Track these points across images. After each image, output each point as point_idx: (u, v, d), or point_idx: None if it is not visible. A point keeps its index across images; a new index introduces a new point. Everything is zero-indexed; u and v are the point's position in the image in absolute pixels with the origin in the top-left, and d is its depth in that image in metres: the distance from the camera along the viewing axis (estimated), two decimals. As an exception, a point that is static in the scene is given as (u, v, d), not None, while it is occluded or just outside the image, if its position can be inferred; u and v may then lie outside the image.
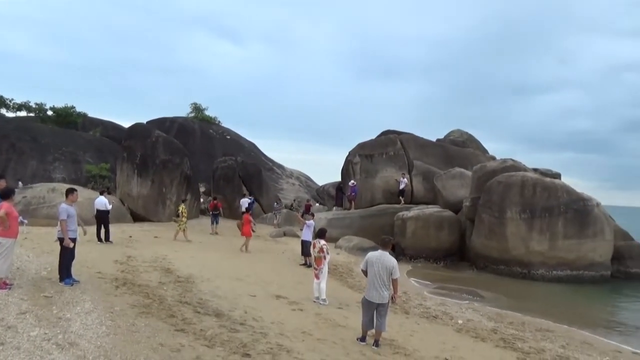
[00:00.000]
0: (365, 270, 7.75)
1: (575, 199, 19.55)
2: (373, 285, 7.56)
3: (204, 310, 8.26)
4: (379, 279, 7.53)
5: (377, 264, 7.58)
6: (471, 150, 30.38)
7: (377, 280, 7.53)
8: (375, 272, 7.54)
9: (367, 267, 7.68)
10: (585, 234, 19.07)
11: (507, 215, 19.62)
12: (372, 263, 7.62)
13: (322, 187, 38.61)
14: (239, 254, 16.68)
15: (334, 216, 25.44)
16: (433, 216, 22.32)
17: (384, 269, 7.54)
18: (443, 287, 16.23)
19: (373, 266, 7.59)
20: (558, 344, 9.94)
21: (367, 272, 7.71)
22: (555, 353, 9.09)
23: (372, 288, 7.57)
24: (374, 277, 7.55)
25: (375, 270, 7.55)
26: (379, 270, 7.54)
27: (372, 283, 7.58)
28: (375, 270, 7.55)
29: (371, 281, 7.60)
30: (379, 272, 7.53)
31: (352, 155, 29.01)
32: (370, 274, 7.62)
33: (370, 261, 7.66)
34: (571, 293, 17.00)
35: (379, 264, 7.57)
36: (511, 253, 19.45)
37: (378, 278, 7.53)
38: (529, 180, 19.98)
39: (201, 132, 40.22)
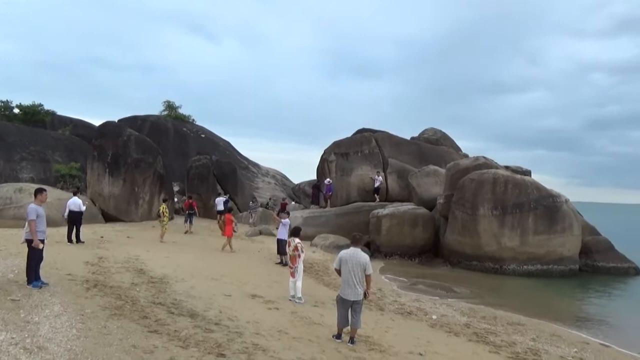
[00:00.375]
0: (338, 269, 7.77)
1: (545, 196, 20.05)
2: (348, 283, 7.58)
3: (178, 311, 8.17)
4: (353, 276, 7.56)
5: (350, 261, 7.60)
6: (445, 148, 30.82)
7: (351, 277, 7.56)
8: (349, 269, 7.57)
9: (340, 266, 7.71)
10: (555, 230, 19.58)
11: (480, 212, 19.99)
12: (345, 261, 7.64)
13: (298, 186, 38.58)
14: (214, 253, 16.53)
15: (310, 214, 25.47)
16: (408, 213, 22.57)
17: (357, 265, 7.57)
18: (418, 283, 16.43)
19: (347, 264, 7.61)
20: (529, 336, 10.19)
21: (340, 271, 7.74)
22: (525, 346, 9.31)
23: (347, 286, 7.59)
24: (348, 275, 7.58)
25: (349, 267, 7.58)
26: (353, 267, 7.56)
27: (346, 281, 7.61)
28: (349, 268, 7.57)
29: (346, 279, 7.63)
30: (353, 269, 7.56)
31: (327, 153, 29.11)
32: (344, 272, 7.65)
33: (343, 259, 7.68)
34: (541, 287, 17.44)
35: (353, 261, 7.60)
36: (483, 249, 19.83)
37: (352, 275, 7.56)
38: (501, 178, 20.40)
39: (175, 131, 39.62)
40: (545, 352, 8.99)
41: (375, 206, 24.44)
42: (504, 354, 8.55)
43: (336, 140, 29.62)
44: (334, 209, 25.90)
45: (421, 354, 7.76)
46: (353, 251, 7.74)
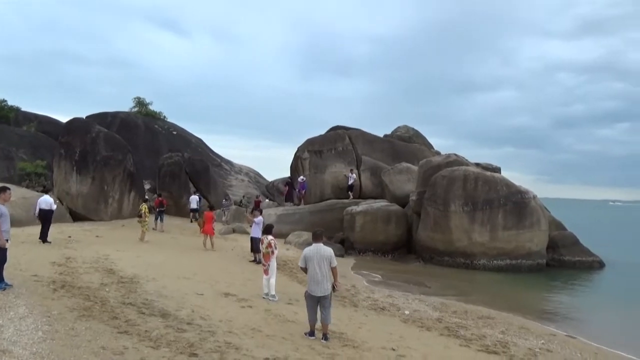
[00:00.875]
0: (304, 267, 7.79)
1: (514, 192, 20.53)
2: (315, 279, 7.63)
3: (149, 311, 8.03)
4: (320, 272, 7.62)
5: (315, 257, 7.68)
6: (417, 146, 31.19)
7: (318, 273, 7.62)
8: (315, 265, 7.63)
9: (305, 263, 7.74)
10: (523, 225, 20.07)
11: (451, 208, 20.32)
12: (310, 257, 7.69)
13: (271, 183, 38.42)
14: (187, 252, 16.33)
15: (284, 212, 25.42)
16: (381, 210, 22.77)
17: (322, 260, 7.65)
18: (391, 279, 16.61)
19: (312, 260, 7.67)
20: (498, 329, 10.42)
21: (306, 268, 7.77)
22: (495, 339, 9.53)
23: (314, 282, 7.64)
24: (314, 271, 7.64)
25: (315, 263, 7.64)
26: (318, 262, 7.64)
27: (313, 277, 7.65)
28: (315, 264, 7.64)
29: (312, 275, 7.66)
30: (319, 265, 7.63)
31: (301, 151, 29.10)
32: (310, 269, 7.67)
33: (308, 256, 7.73)
34: (510, 282, 17.86)
35: (317, 256, 7.68)
36: (455, 245, 20.18)
37: (319, 270, 7.62)
38: (471, 175, 20.78)
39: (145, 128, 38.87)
40: (513, 345, 9.22)
41: (349, 203, 24.56)
42: (475, 347, 8.73)
43: (310, 138, 29.64)
44: (307, 206, 25.92)
45: (394, 349, 7.84)
46: (316, 247, 7.81)
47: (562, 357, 8.85)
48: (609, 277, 20.16)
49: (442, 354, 8.07)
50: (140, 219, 18.45)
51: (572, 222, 27.36)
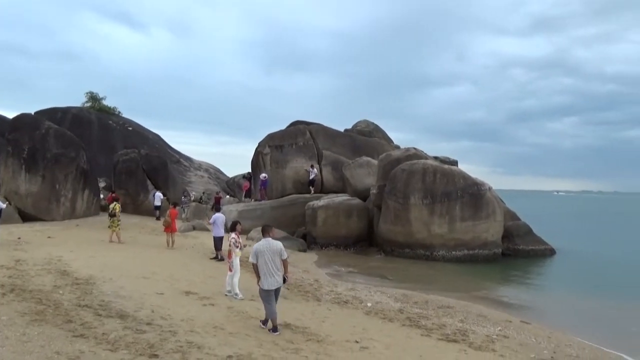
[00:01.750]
0: (256, 262, 7.84)
1: (471, 184, 21.10)
2: (269, 273, 7.74)
3: (106, 313, 7.78)
4: (272, 265, 7.75)
5: (267, 251, 7.79)
6: (377, 140, 31.52)
7: (271, 267, 7.75)
8: (267, 259, 7.74)
9: (257, 259, 7.80)
10: (479, 216, 20.68)
11: (411, 201, 20.68)
12: (262, 252, 7.78)
13: (232, 179, 38.00)
14: (145, 251, 15.91)
15: (245, 208, 25.18)
16: (342, 204, 22.92)
17: (274, 253, 7.79)
18: (353, 272, 16.76)
19: (264, 255, 7.77)
20: (457, 318, 10.71)
21: (257, 264, 7.81)
22: (455, 327, 9.78)
23: (268, 275, 7.74)
24: (266, 265, 7.74)
25: (267, 257, 7.75)
26: (270, 256, 7.76)
27: (266, 271, 7.74)
28: (267, 258, 7.75)
29: (266, 269, 7.74)
30: (271, 259, 7.76)
31: (262, 146, 28.87)
32: (262, 263, 7.76)
33: (259, 251, 7.79)
34: (468, 271, 18.39)
35: (269, 250, 7.80)
36: (415, 236, 20.57)
37: (272, 264, 7.75)
38: (430, 168, 21.20)
39: (99, 123, 37.56)
40: (472, 332, 9.49)
41: (311, 198, 24.59)
42: (435, 336, 8.93)
43: (270, 133, 29.45)
44: (269, 201, 25.77)
45: (357, 342, 7.92)
46: (267, 241, 7.92)
47: (518, 342, 9.18)
48: (560, 264, 21.10)
49: (404, 344, 8.21)
50: (114, 219, 17.56)
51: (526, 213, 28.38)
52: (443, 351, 8.04)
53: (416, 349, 7.99)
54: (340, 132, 31.44)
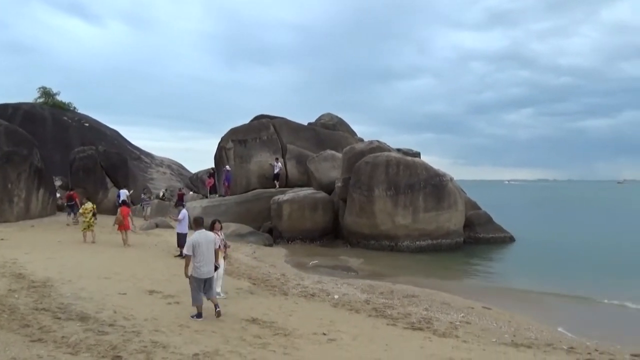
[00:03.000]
0: (191, 253, 8.16)
1: (433, 175, 21.51)
2: (205, 262, 8.19)
3: (65, 316, 7.54)
4: (208, 255, 8.25)
5: (204, 242, 8.26)
6: (341, 133, 31.64)
7: (207, 256, 8.23)
8: (204, 250, 8.19)
9: (193, 249, 8.12)
10: (442, 206, 21.13)
11: (375, 193, 20.91)
12: (199, 243, 8.18)
13: (195, 175, 37.37)
14: (106, 250, 15.49)
15: (209, 204, 24.85)
16: (307, 198, 22.94)
17: (210, 243, 8.37)
18: (320, 265, 16.84)
19: (201, 246, 8.17)
20: (422, 307, 10.94)
21: (193, 254, 8.13)
22: (420, 315, 9.99)
23: (205, 265, 8.18)
24: (203, 255, 8.17)
25: (204, 248, 8.20)
26: (207, 247, 8.26)
27: (204, 261, 8.16)
28: (204, 249, 8.20)
29: (203, 259, 8.16)
30: (207, 249, 8.25)
31: (225, 141, 28.47)
32: (199, 254, 8.14)
33: (197, 242, 8.18)
34: (432, 260, 18.79)
35: (206, 241, 8.29)
36: (380, 228, 20.83)
37: (208, 254, 8.24)
38: (393, 160, 21.48)
39: (53, 120, 36.15)
40: (436, 320, 9.72)
41: (276, 192, 24.49)
42: (401, 325, 9.10)
43: (234, 127, 29.07)
44: (233, 197, 25.52)
45: (325, 334, 7.98)
46: (201, 233, 8.39)
47: (480, 328, 9.47)
48: (519, 251, 21.87)
49: (371, 334, 8.33)
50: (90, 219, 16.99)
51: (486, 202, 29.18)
52: (408, 339, 8.20)
53: (382, 338, 8.12)
54: (304, 126, 31.41)
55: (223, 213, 23.74)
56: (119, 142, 39.52)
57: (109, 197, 27.62)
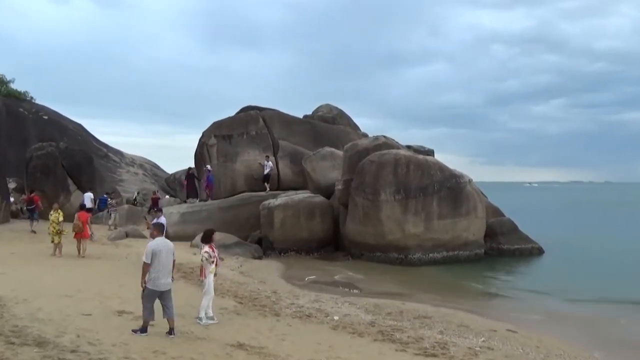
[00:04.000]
0: (149, 262, 8.32)
1: (448, 177, 21.56)
2: (163, 273, 8.44)
3: (20, 340, 7.51)
4: (167, 266, 8.51)
5: (164, 250, 8.48)
6: (342, 127, 31.70)
7: (167, 267, 8.50)
8: (163, 259, 8.42)
9: (152, 258, 8.31)
10: (459, 213, 21.17)
11: (381, 197, 20.93)
12: (159, 252, 8.40)
13: (172, 176, 37.35)
14: (68, 263, 15.47)
15: (188, 209, 24.85)
16: (303, 203, 22.95)
17: (170, 252, 8.59)
18: (317, 281, 16.84)
19: (161, 255, 8.40)
20: (436, 329, 10.95)
21: (152, 263, 8.33)
22: (433, 340, 10.00)
23: (163, 276, 8.43)
24: (162, 265, 8.42)
25: (164, 257, 8.44)
26: (167, 256, 8.50)
27: (162, 271, 8.42)
28: (164, 258, 8.44)
29: (161, 269, 8.41)
30: (167, 258, 8.50)
31: (206, 136, 28.47)
32: (158, 263, 8.36)
33: (157, 250, 8.38)
34: (448, 275, 18.82)
35: (166, 250, 8.52)
36: (387, 238, 20.84)
37: (167, 264, 8.50)
38: (402, 159, 21.51)
39: (7, 111, 36.14)
40: (453, 345, 9.73)
41: (266, 196, 24.50)
42: (411, 351, 9.10)
43: (217, 121, 29.07)
44: (217, 201, 25.51)
45: (323, 361, 7.97)
46: (161, 241, 8.65)
47: (504, 354, 9.48)
48: (549, 264, 21.93)
49: (376, 361, 8.32)
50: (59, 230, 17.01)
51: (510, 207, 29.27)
52: (421, 367, 8.19)
53: (390, 366, 8.11)
54: (299, 119, 31.45)
55: (204, 220, 23.73)
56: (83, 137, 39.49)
57: (71, 202, 27.53)
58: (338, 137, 29.68)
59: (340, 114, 33.44)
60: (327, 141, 28.51)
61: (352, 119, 34.37)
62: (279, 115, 30.25)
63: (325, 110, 33.07)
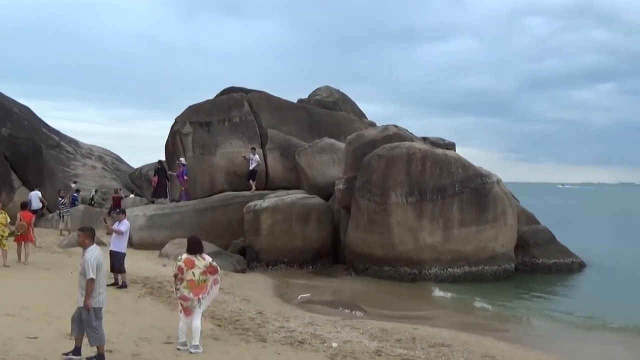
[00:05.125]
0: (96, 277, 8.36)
1: (472, 176, 21.54)
2: (104, 288, 8.67)
3: (-50, 368, 7.50)
4: (104, 278, 8.80)
5: (102, 262, 8.62)
6: (344, 115, 31.68)
7: (104, 280, 8.78)
8: (103, 271, 8.63)
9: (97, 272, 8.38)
10: (485, 219, 21.16)
11: (391, 199, 20.90)
12: (101, 264, 8.53)
13: (138, 171, 37.37)
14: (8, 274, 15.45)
15: (157, 211, 24.81)
16: (296, 205, 22.91)
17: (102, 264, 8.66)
18: (312, 300, 16.81)
19: (102, 267, 8.56)
20: (456, 360, 10.95)
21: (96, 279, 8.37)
22: (452, 373, 10.00)
23: (104, 290, 8.63)
24: (102, 278, 8.65)
25: (102, 269, 8.63)
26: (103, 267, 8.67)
27: (103, 286, 8.62)
28: (102, 270, 8.64)
29: (102, 283, 8.61)
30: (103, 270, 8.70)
31: (180, 123, 28.44)
32: (100, 277, 8.51)
33: (100, 262, 8.49)
34: (470, 295, 18.77)
35: (102, 261, 8.65)
36: (397, 249, 20.83)
37: (103, 277, 8.76)
38: (417, 153, 21.47)
39: (-63, 91, 36.13)
40: (476, 379, 9.73)
41: (251, 196, 24.47)
42: (426, 386, 9.09)
43: (193, 105, 29.04)
44: (192, 202, 25.50)
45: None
46: (99, 250, 8.71)
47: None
48: (592, 282, 21.99)
49: (383, 398, 8.31)
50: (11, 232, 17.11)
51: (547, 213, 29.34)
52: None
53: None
54: (293, 104, 31.43)
55: (177, 225, 23.75)
56: (30, 122, 39.40)
57: (14, 201, 27.48)
58: (339, 126, 29.70)
59: (343, 99, 33.45)
60: (326, 131, 28.53)
61: (357, 105, 34.38)
62: (268, 99, 30.24)
63: (325, 94, 33.07)
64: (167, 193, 27.74)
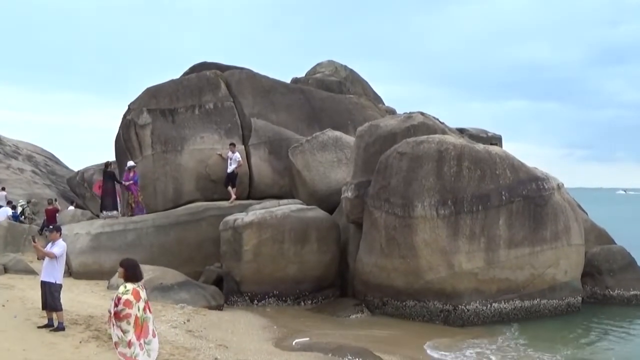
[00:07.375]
0: None
1: (525, 180, 21.50)
2: None
3: None
4: None
5: None
6: (353, 98, 31.66)
7: None
8: None
9: None
10: (542, 238, 21.11)
11: (417, 211, 20.84)
12: None
13: (79, 175, 37.43)
14: None
15: (104, 229, 24.77)
16: (290, 220, 22.85)
17: None
18: (311, 347, 16.81)
19: None
20: None
21: None
22: None
23: None
24: None
25: None
26: None
27: None
28: None
29: None
30: None
31: (135, 111, 28.37)
32: None
33: None
34: (522, 337, 18.78)
35: None
36: (425, 277, 20.78)
37: None
38: (451, 150, 21.43)
39: None
40: None
41: (230, 208, 24.47)
42: None
43: (152, 86, 29.02)
44: (151, 216, 25.46)
45: None
46: None
47: None
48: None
49: None
50: None
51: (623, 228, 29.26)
52: None
53: None
54: (285, 84, 31.43)
55: (132, 246, 23.74)
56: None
57: None
58: (347, 114, 29.71)
59: (352, 77, 33.52)
60: (329, 120, 28.58)
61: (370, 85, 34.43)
62: (252, 78, 30.22)
63: (328, 71, 33.15)
64: (118, 204, 27.67)
